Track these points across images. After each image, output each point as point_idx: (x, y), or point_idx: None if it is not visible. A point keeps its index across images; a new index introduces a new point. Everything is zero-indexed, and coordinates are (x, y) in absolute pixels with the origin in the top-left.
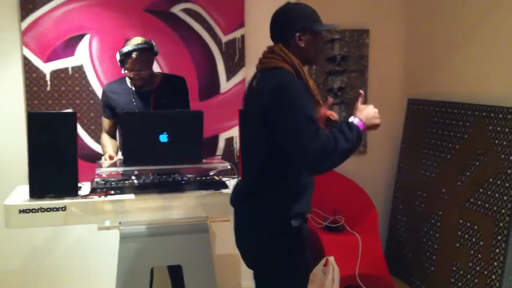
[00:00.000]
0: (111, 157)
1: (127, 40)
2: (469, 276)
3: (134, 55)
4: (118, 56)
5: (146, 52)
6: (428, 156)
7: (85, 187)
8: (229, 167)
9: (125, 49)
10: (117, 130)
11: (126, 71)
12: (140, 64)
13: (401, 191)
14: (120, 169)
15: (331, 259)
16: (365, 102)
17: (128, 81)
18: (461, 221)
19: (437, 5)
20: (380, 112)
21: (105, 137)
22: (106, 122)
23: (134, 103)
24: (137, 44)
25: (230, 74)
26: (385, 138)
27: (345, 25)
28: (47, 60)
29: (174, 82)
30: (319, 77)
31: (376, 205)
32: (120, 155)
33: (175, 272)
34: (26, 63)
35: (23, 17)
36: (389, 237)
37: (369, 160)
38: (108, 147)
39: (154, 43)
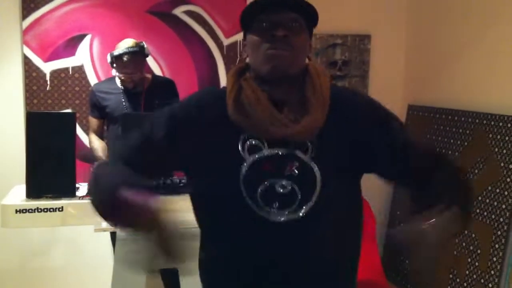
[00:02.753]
0: None
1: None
2: (465, 284)
3: (125, 58)
4: (108, 58)
5: (137, 55)
6: None
7: (83, 188)
8: None
9: (116, 52)
10: (105, 131)
11: (117, 73)
12: (131, 67)
13: (399, 197)
14: None
15: None
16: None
17: (118, 81)
18: None
19: (439, 11)
20: None
21: (94, 139)
22: (94, 122)
23: (124, 104)
24: (128, 48)
25: None
26: None
27: (347, 30)
28: (48, 59)
29: (164, 84)
30: None
31: (374, 212)
32: None
33: (168, 276)
34: (27, 62)
35: (24, 16)
36: (386, 244)
37: None
38: (98, 151)
39: (145, 45)
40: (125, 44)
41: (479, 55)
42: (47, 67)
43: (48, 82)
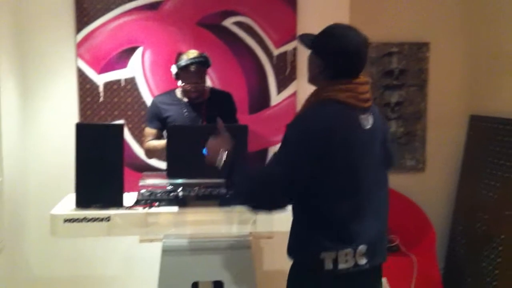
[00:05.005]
0: None
1: (180, 54)
2: None
3: (191, 68)
4: (174, 69)
5: (202, 65)
6: (490, 176)
7: (131, 197)
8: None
9: (183, 63)
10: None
11: (182, 84)
12: (197, 77)
13: (461, 212)
14: (163, 182)
15: (384, 280)
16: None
17: (178, 93)
18: None
19: (501, 18)
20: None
21: (154, 142)
22: (151, 133)
23: (186, 114)
24: (194, 58)
25: (280, 87)
26: (445, 155)
27: (404, 38)
28: (101, 71)
29: (222, 96)
30: (375, 92)
31: (434, 225)
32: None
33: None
34: (80, 74)
35: (78, 29)
36: (447, 259)
37: (428, 178)
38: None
39: (208, 56)
40: (191, 55)
41: None
42: (100, 79)
43: (101, 94)
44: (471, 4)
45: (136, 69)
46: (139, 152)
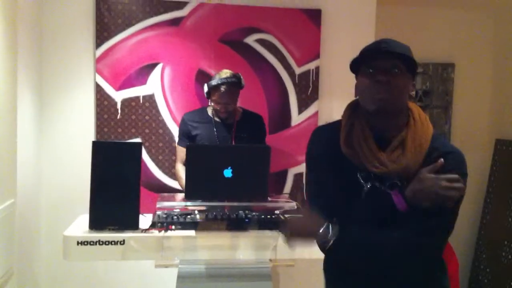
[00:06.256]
0: None
1: (215, 72)
2: None
3: (222, 88)
4: (206, 88)
5: (234, 86)
6: None
7: (146, 219)
8: (296, 207)
9: (214, 82)
10: None
11: (213, 104)
12: (228, 98)
13: (485, 239)
14: (181, 204)
15: None
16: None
17: (209, 111)
18: None
19: None
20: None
21: (181, 168)
22: (182, 152)
23: (216, 133)
24: (226, 78)
25: (302, 107)
26: (469, 180)
27: (429, 58)
28: (119, 88)
29: (254, 119)
30: None
31: (456, 252)
32: None
33: None
34: (98, 90)
35: (98, 44)
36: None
37: None
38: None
39: (241, 77)
40: (224, 75)
41: None
42: (118, 96)
43: (119, 111)
44: (499, 26)
45: (155, 86)
46: (156, 171)
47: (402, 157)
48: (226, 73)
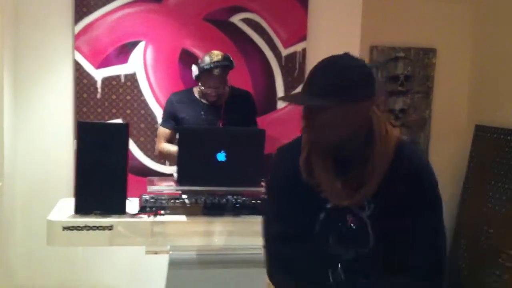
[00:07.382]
0: None
1: (201, 53)
2: None
3: (216, 72)
4: (196, 71)
5: (226, 69)
6: (496, 189)
7: (132, 204)
8: None
9: (207, 66)
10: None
11: (203, 87)
12: (219, 81)
13: (464, 226)
14: (173, 189)
15: None
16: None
17: (196, 92)
18: None
19: (509, 27)
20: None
21: (168, 145)
22: (166, 133)
23: (203, 116)
24: (218, 61)
25: (288, 89)
26: (448, 166)
27: (411, 43)
28: (99, 66)
29: (242, 97)
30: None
31: None
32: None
33: None
34: (77, 68)
35: (76, 20)
36: (449, 274)
37: None
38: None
39: (231, 58)
40: (215, 57)
41: None
42: (99, 74)
43: (99, 90)
44: (479, 12)
45: (137, 65)
46: (138, 153)
47: (364, 186)
48: (217, 55)
